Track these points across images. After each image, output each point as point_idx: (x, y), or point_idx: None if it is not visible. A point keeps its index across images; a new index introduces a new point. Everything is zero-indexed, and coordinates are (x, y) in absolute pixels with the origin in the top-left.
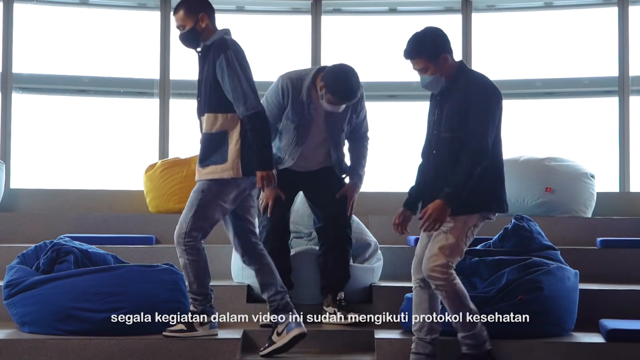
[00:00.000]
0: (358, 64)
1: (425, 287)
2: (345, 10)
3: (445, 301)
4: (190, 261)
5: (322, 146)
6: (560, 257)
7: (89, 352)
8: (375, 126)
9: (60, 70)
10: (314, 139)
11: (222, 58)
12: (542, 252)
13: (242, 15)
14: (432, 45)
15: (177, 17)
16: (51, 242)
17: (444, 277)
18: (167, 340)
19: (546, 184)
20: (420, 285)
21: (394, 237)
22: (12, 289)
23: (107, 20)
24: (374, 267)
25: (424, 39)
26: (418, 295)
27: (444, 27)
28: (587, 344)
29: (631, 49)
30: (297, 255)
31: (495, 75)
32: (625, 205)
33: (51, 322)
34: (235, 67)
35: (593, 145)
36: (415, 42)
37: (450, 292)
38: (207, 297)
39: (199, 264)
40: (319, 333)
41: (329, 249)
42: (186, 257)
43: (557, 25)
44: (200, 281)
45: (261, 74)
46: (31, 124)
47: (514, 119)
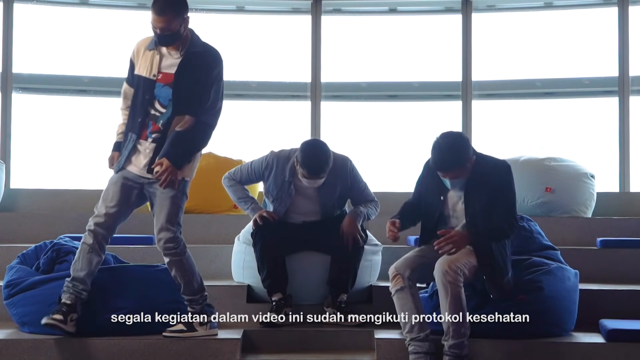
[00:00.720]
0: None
1: (407, 288)
2: (345, 10)
3: (448, 299)
4: (186, 259)
5: (310, 214)
6: (560, 257)
7: (89, 352)
8: (375, 126)
9: (60, 70)
10: (300, 208)
11: (220, 70)
12: (542, 252)
13: (242, 15)
14: (466, 153)
15: (165, 18)
16: (51, 242)
17: (457, 276)
18: (167, 340)
19: (546, 184)
20: (402, 287)
21: None
22: (12, 289)
23: (107, 20)
24: (372, 267)
25: (459, 151)
26: (401, 298)
27: (443, 27)
28: (587, 344)
29: (631, 49)
30: (298, 255)
31: (496, 75)
32: (625, 205)
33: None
34: (222, 79)
35: (593, 145)
36: (452, 156)
37: (455, 292)
38: (204, 295)
39: (191, 259)
40: (319, 333)
41: (339, 251)
42: (182, 257)
43: (557, 25)
44: (198, 277)
45: (261, 74)
46: (31, 124)
47: (514, 119)
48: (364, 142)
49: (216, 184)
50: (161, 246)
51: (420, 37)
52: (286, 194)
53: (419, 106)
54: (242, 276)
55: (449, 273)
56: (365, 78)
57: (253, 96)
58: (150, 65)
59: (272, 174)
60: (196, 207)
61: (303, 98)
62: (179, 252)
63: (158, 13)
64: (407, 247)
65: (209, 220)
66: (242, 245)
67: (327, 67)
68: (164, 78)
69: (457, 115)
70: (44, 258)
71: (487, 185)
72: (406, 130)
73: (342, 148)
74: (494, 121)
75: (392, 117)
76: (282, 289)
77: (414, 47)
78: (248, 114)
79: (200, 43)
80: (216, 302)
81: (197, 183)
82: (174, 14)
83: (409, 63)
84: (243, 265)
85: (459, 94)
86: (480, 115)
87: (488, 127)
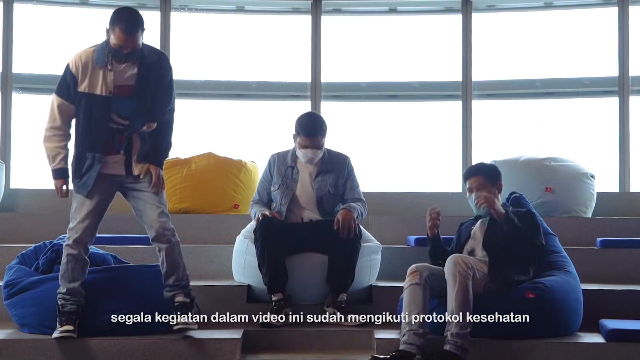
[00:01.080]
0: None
1: (422, 285)
2: (345, 10)
3: (455, 288)
4: (179, 246)
5: (309, 206)
6: (559, 244)
7: (89, 352)
8: (375, 126)
9: (61, 70)
10: (299, 198)
11: (172, 71)
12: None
13: (242, 15)
14: (495, 171)
15: (135, 37)
16: (51, 242)
17: (468, 269)
18: (167, 340)
19: (546, 184)
20: (417, 282)
21: (394, 237)
22: (10, 289)
23: (107, 21)
24: (371, 266)
25: (486, 166)
26: (413, 292)
27: (443, 27)
28: (587, 344)
29: (631, 49)
30: (298, 256)
31: (496, 75)
32: (625, 205)
33: (50, 323)
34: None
35: (593, 145)
36: (480, 164)
37: (464, 282)
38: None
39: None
40: (319, 333)
41: (336, 250)
42: (178, 240)
43: (557, 25)
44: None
45: (261, 74)
46: (31, 124)
47: (514, 119)
48: (364, 142)
49: (216, 184)
50: (161, 232)
51: (420, 37)
52: (291, 178)
53: (419, 106)
54: (243, 276)
55: (460, 265)
56: (365, 78)
57: (253, 96)
58: (104, 82)
59: (275, 166)
60: (196, 207)
61: (303, 98)
62: (175, 234)
63: (128, 33)
64: (407, 247)
65: (209, 220)
66: (244, 244)
67: (327, 67)
68: (122, 91)
69: (457, 115)
70: (44, 258)
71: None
72: (406, 130)
73: (342, 148)
74: (494, 121)
75: (392, 117)
76: (282, 287)
77: (414, 47)
78: (248, 114)
79: (151, 50)
80: (216, 302)
81: (197, 183)
82: (141, 31)
83: (409, 63)
84: (244, 265)
85: (459, 94)
86: (480, 115)
87: (488, 127)
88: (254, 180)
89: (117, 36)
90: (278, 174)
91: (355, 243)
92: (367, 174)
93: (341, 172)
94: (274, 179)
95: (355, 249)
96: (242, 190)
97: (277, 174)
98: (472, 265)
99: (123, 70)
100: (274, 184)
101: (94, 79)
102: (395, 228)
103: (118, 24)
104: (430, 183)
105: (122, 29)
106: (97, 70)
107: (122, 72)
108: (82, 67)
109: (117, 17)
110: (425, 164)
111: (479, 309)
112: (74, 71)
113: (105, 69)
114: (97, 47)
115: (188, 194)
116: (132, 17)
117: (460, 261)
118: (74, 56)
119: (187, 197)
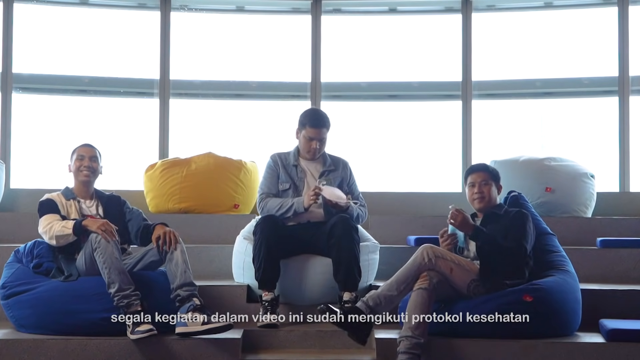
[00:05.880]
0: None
1: (430, 290)
2: (345, 10)
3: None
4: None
5: (314, 206)
6: (558, 243)
7: (89, 352)
8: (375, 126)
9: (60, 70)
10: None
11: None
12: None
13: (242, 15)
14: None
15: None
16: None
17: (431, 259)
18: (167, 340)
19: (546, 184)
20: (426, 288)
21: (393, 237)
22: (7, 290)
23: (107, 20)
24: (370, 266)
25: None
26: (420, 296)
27: (443, 27)
28: (587, 344)
29: (631, 49)
30: (298, 257)
31: (496, 75)
32: (625, 205)
33: (49, 324)
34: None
35: (593, 145)
36: (481, 164)
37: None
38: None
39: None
40: (319, 333)
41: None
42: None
43: (557, 25)
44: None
45: (261, 74)
46: (31, 124)
47: (514, 119)
48: (364, 142)
49: (216, 184)
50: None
51: (420, 37)
52: (297, 177)
53: (419, 106)
54: (242, 276)
55: (424, 256)
56: (365, 78)
57: (253, 96)
58: (80, 211)
59: (281, 166)
60: (196, 207)
61: (303, 98)
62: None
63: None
64: (407, 247)
65: (209, 220)
66: (243, 245)
67: (327, 67)
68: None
69: (457, 115)
70: (38, 250)
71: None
72: (406, 130)
73: (342, 148)
74: (494, 121)
75: (392, 117)
76: (273, 285)
77: (413, 47)
78: (248, 114)
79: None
80: (216, 302)
81: (197, 183)
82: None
83: (409, 63)
84: (243, 265)
85: (459, 94)
86: (480, 115)
87: (488, 127)
88: (254, 180)
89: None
90: (285, 174)
91: (352, 240)
92: (367, 173)
93: (343, 175)
94: (282, 177)
95: (355, 249)
96: (242, 190)
97: (284, 173)
98: (443, 256)
99: (84, 203)
100: (283, 183)
101: (72, 211)
102: (395, 228)
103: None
104: (430, 183)
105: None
106: (70, 202)
107: (83, 204)
108: (60, 207)
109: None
110: (425, 164)
111: (478, 309)
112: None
113: (73, 201)
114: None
115: (188, 194)
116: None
117: (430, 249)
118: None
119: (187, 197)
